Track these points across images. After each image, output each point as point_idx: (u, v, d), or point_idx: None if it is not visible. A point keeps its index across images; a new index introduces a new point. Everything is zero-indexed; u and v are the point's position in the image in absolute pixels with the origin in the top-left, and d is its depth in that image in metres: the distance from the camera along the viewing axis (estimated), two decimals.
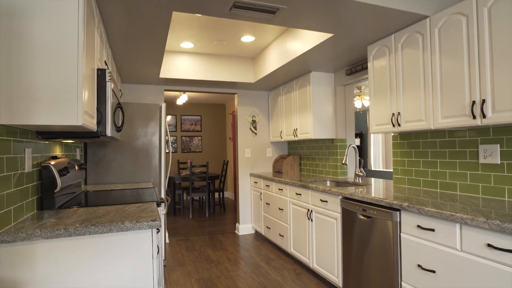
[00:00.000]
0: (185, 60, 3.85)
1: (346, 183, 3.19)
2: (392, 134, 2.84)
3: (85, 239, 1.42)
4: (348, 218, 2.46)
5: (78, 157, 2.81)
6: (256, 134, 4.64)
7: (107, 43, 2.45)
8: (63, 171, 1.90)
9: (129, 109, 3.28)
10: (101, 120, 1.91)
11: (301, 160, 4.42)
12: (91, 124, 1.70)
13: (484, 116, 1.79)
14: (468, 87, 1.88)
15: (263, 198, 4.13)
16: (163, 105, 3.38)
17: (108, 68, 2.31)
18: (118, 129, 2.49)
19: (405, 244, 1.95)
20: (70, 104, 1.44)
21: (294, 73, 3.67)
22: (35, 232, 1.32)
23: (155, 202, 2.01)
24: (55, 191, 1.81)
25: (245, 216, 4.59)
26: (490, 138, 2.06)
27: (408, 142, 2.68)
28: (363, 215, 2.29)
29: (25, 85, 1.37)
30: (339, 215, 2.58)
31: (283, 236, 3.58)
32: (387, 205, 2.04)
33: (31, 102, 1.38)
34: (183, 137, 7.59)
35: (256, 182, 4.38)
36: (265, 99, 4.73)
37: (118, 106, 2.48)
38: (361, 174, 3.11)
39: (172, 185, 5.97)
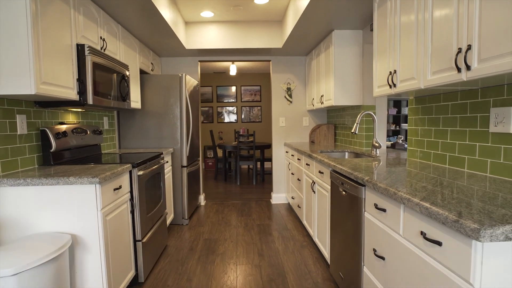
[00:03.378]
0: (211, 30, 3.90)
1: (361, 155, 2.86)
2: (408, 99, 2.38)
3: (42, 188, 1.70)
4: (334, 192, 2.24)
5: (105, 125, 3.24)
6: (291, 102, 4.46)
7: (109, 19, 2.67)
8: (59, 135, 2.25)
9: (153, 80, 3.56)
10: (84, 91, 2.16)
11: (336, 130, 4.09)
12: (61, 93, 1.94)
13: (468, 68, 1.36)
14: (456, 30, 1.44)
15: (290, 168, 4.03)
16: (183, 75, 3.55)
17: (104, 43, 2.55)
18: (123, 98, 2.76)
19: (367, 225, 1.70)
20: (24, 76, 1.68)
21: (317, 33, 3.34)
22: (2, 180, 1.65)
23: (130, 164, 2.21)
24: (51, 150, 2.18)
25: (279, 185, 4.58)
26: (503, 98, 1.56)
27: (422, 107, 2.22)
28: (343, 190, 2.05)
29: None
30: (329, 188, 2.37)
31: (300, 207, 3.48)
32: (356, 179, 1.78)
33: None
34: (243, 107, 7.81)
35: (287, 152, 4.28)
36: (302, 65, 4.46)
37: (122, 78, 2.74)
38: (377, 145, 2.73)
39: (224, 153, 6.31)
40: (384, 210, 1.48)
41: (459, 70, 1.41)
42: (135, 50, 3.32)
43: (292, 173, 3.90)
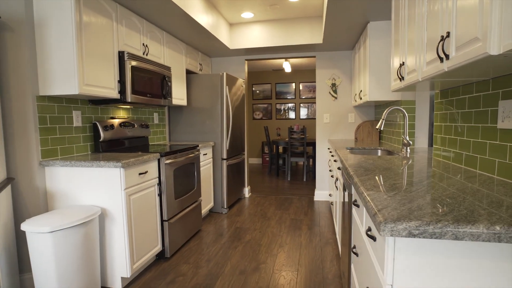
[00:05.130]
0: (253, 30, 4.07)
1: (393, 153, 2.70)
2: (434, 93, 2.19)
3: (82, 168, 2.13)
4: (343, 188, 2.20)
5: (155, 120, 3.71)
6: (336, 98, 4.36)
7: (153, 27, 3.07)
8: (107, 127, 2.71)
9: (198, 79, 3.91)
10: (124, 90, 2.57)
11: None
12: (103, 93, 2.35)
13: (447, 57, 1.25)
14: (441, 17, 1.33)
15: (330, 165, 3.97)
16: (223, 74, 3.81)
17: (146, 49, 2.94)
18: (164, 96, 3.14)
19: (353, 222, 1.67)
20: (70, 79, 2.11)
21: (352, 26, 3.22)
22: (56, 162, 2.13)
23: (158, 153, 2.54)
24: (100, 140, 2.65)
25: (322, 182, 4.53)
26: (510, 89, 1.37)
27: (446, 101, 2.02)
28: (342, 186, 2.02)
29: (49, 69, 2.13)
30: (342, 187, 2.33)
31: (332, 204, 3.43)
32: (348, 176, 1.76)
33: (51, 80, 2.14)
34: (301, 104, 7.80)
35: (328, 149, 4.21)
36: (348, 59, 4.31)
37: (163, 78, 3.12)
38: (406, 143, 2.55)
39: (276, 148, 6.45)
40: (357, 206, 1.46)
41: (441, 59, 1.31)
42: (181, 52, 3.71)
43: (330, 170, 3.85)
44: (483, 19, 1.00)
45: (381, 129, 2.56)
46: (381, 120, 2.58)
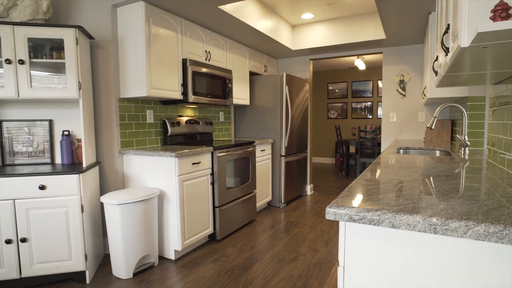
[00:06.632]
0: (315, 29, 4.13)
1: (449, 154, 2.47)
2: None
3: (147, 157, 2.62)
4: None
5: (221, 118, 4.12)
6: (404, 95, 4.07)
7: (216, 35, 3.45)
8: (174, 124, 3.19)
9: (260, 80, 4.18)
10: (186, 92, 3.00)
11: (454, 126, 3.48)
12: (167, 94, 2.80)
13: (447, 50, 1.21)
14: (446, 8, 1.27)
15: None
16: (283, 75, 3.99)
17: (209, 55, 3.34)
18: (225, 96, 3.50)
19: None
20: (140, 84, 2.61)
21: (409, 19, 3.02)
22: (130, 151, 2.67)
23: (212, 147, 2.88)
24: (168, 135, 3.14)
25: None
26: None
27: (496, 96, 1.81)
28: None
29: (126, 76, 2.68)
30: None
31: None
32: None
33: (128, 85, 2.68)
34: (379, 103, 7.37)
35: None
36: (418, 54, 3.98)
37: (224, 81, 3.48)
38: (463, 143, 2.30)
39: (347, 148, 6.27)
40: None
41: (446, 52, 1.25)
42: (245, 56, 4.03)
43: None
44: None
45: (432, 127, 2.38)
46: (432, 118, 2.40)
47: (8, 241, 2.06)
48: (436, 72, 1.77)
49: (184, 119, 3.33)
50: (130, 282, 2.26)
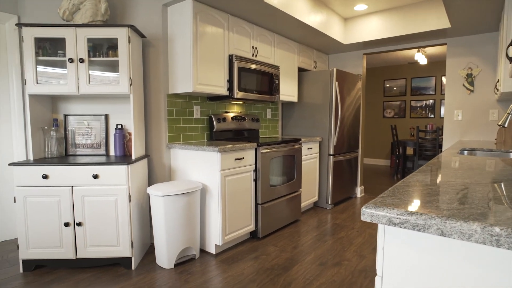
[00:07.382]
0: (370, 21, 3.87)
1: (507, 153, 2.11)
2: None
3: (192, 151, 2.67)
4: None
5: (268, 115, 4.07)
6: (472, 91, 3.61)
7: (263, 31, 3.41)
8: (220, 120, 3.22)
9: (308, 77, 4.04)
10: (232, 88, 3.01)
11: None
12: (213, 90, 2.84)
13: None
14: None
15: None
16: (333, 70, 3.80)
17: (255, 51, 3.31)
18: (271, 93, 3.45)
19: None
20: (187, 80, 2.67)
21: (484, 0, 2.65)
22: (177, 145, 2.75)
23: (255, 143, 2.85)
24: (214, 130, 3.19)
25: None
26: None
27: None
28: None
29: (174, 73, 2.77)
30: None
31: None
32: None
33: (176, 81, 2.76)
34: (442, 101, 6.70)
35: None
36: (490, 43, 3.50)
37: (271, 77, 3.43)
38: None
39: (404, 150, 5.80)
40: None
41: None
42: (293, 52, 3.93)
43: None
44: None
45: (505, 126, 2.05)
46: (505, 115, 2.07)
47: (67, 224, 2.26)
48: (510, 59, 1.50)
49: (230, 115, 3.35)
50: (172, 272, 2.32)
